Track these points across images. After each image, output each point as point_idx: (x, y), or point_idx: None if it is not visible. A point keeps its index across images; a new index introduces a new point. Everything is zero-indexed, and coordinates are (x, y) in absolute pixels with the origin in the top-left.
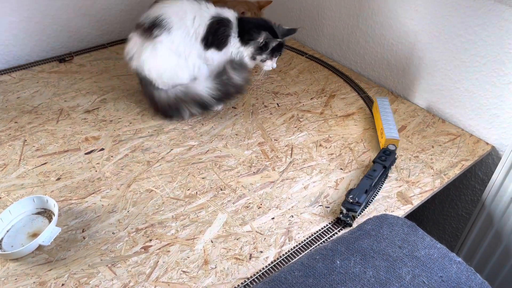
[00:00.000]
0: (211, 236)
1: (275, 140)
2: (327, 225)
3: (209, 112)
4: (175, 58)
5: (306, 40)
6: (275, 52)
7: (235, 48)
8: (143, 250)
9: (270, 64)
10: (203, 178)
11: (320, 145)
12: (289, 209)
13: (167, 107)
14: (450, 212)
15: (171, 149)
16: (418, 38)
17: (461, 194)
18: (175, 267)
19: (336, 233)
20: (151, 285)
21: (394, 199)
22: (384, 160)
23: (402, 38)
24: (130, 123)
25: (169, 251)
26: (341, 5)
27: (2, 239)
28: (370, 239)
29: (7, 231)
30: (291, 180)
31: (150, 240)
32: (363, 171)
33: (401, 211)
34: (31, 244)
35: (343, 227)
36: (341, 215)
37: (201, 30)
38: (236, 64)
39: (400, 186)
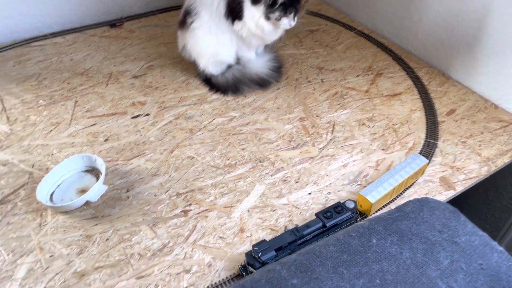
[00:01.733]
0: (248, 206)
1: (316, 116)
2: None
3: (268, 88)
4: (211, 37)
5: (356, 14)
6: (289, 7)
7: (249, 12)
8: (182, 213)
9: (287, 22)
10: (242, 149)
11: (363, 124)
12: (326, 186)
13: (225, 88)
14: (494, 202)
15: (213, 119)
16: (477, 18)
17: (508, 184)
18: (212, 232)
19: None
20: (189, 247)
21: (436, 184)
22: (329, 217)
23: (459, 17)
24: (175, 90)
25: (207, 216)
26: None
27: (53, 192)
28: (409, 221)
29: (58, 185)
30: (331, 157)
31: (190, 204)
32: (406, 153)
33: (443, 196)
34: (80, 199)
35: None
36: (240, 266)
37: (222, 8)
38: None
39: (444, 171)
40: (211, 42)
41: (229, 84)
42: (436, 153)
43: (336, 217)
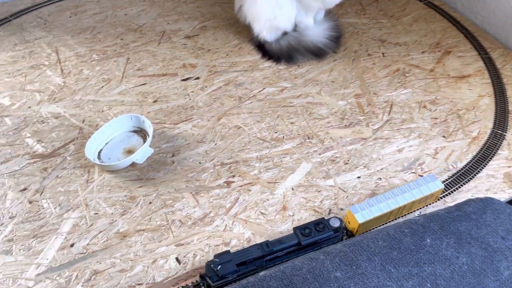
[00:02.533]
0: (292, 184)
1: (374, 93)
2: None
3: (324, 59)
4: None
5: None
6: None
7: None
8: (225, 184)
9: None
10: (291, 123)
11: (424, 107)
12: (378, 171)
13: (279, 55)
14: None
15: (264, 88)
16: None
17: None
18: (254, 207)
19: None
20: (229, 219)
21: (499, 180)
22: (307, 234)
23: None
24: (227, 54)
25: (250, 190)
26: None
27: (101, 150)
28: (470, 222)
29: (106, 143)
30: (385, 140)
31: (233, 176)
32: (468, 143)
33: (506, 194)
34: (126, 160)
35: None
36: (200, 274)
37: None
38: None
39: (509, 167)
40: (270, 4)
41: (283, 52)
42: (503, 146)
43: (315, 236)
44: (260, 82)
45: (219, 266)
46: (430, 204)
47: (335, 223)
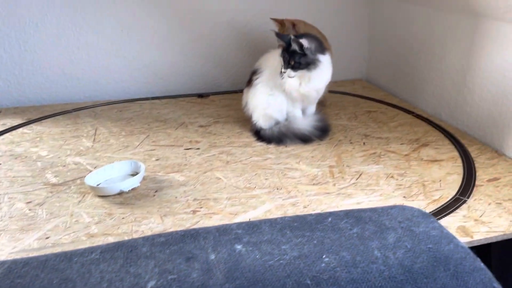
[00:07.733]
0: (250, 216)
1: (347, 166)
2: None
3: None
4: (267, 90)
5: (417, 101)
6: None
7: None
8: (192, 212)
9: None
10: (266, 179)
11: (391, 177)
12: None
13: (270, 139)
14: None
15: (250, 157)
16: None
17: None
18: None
19: None
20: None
21: (452, 230)
22: None
23: (509, 93)
24: (228, 137)
25: (211, 217)
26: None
27: (99, 184)
28: (374, 213)
29: (106, 180)
30: (347, 195)
31: (201, 207)
32: (427, 203)
33: None
34: (114, 186)
35: None
36: None
37: (279, 66)
38: None
39: (465, 222)
40: (265, 94)
41: (274, 136)
42: (463, 208)
43: None
44: (249, 153)
45: None
46: None
47: None
